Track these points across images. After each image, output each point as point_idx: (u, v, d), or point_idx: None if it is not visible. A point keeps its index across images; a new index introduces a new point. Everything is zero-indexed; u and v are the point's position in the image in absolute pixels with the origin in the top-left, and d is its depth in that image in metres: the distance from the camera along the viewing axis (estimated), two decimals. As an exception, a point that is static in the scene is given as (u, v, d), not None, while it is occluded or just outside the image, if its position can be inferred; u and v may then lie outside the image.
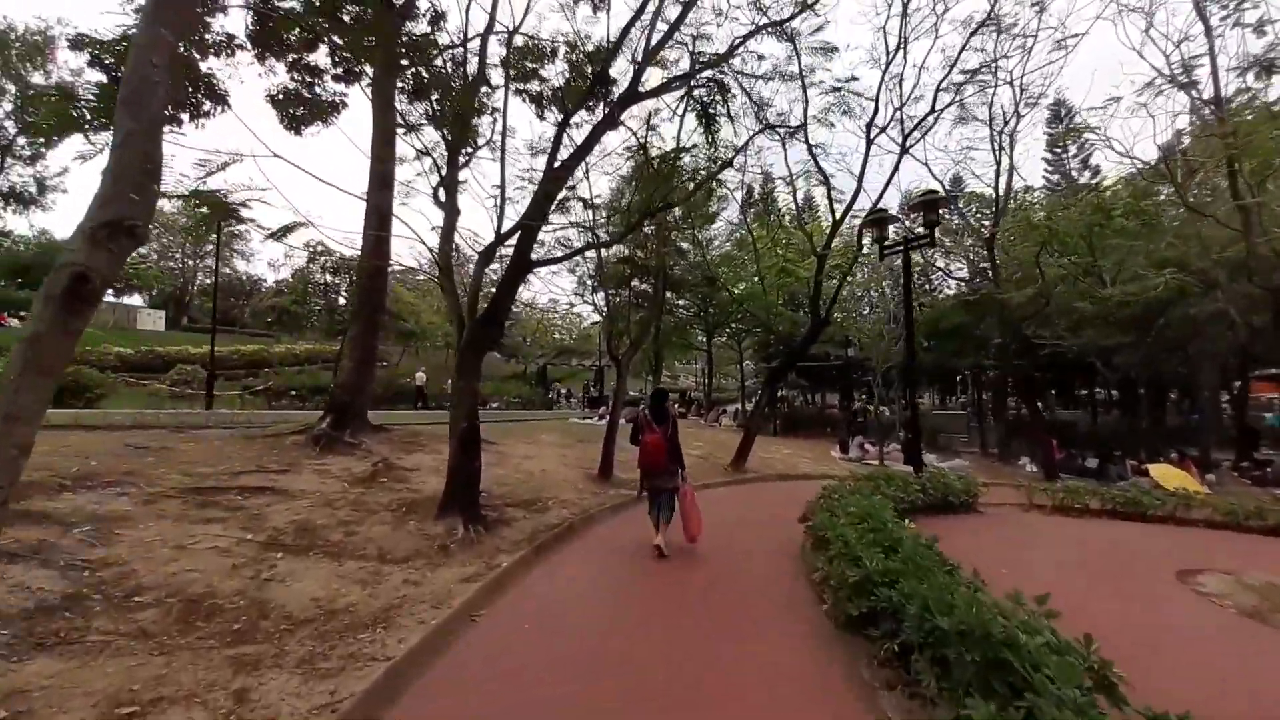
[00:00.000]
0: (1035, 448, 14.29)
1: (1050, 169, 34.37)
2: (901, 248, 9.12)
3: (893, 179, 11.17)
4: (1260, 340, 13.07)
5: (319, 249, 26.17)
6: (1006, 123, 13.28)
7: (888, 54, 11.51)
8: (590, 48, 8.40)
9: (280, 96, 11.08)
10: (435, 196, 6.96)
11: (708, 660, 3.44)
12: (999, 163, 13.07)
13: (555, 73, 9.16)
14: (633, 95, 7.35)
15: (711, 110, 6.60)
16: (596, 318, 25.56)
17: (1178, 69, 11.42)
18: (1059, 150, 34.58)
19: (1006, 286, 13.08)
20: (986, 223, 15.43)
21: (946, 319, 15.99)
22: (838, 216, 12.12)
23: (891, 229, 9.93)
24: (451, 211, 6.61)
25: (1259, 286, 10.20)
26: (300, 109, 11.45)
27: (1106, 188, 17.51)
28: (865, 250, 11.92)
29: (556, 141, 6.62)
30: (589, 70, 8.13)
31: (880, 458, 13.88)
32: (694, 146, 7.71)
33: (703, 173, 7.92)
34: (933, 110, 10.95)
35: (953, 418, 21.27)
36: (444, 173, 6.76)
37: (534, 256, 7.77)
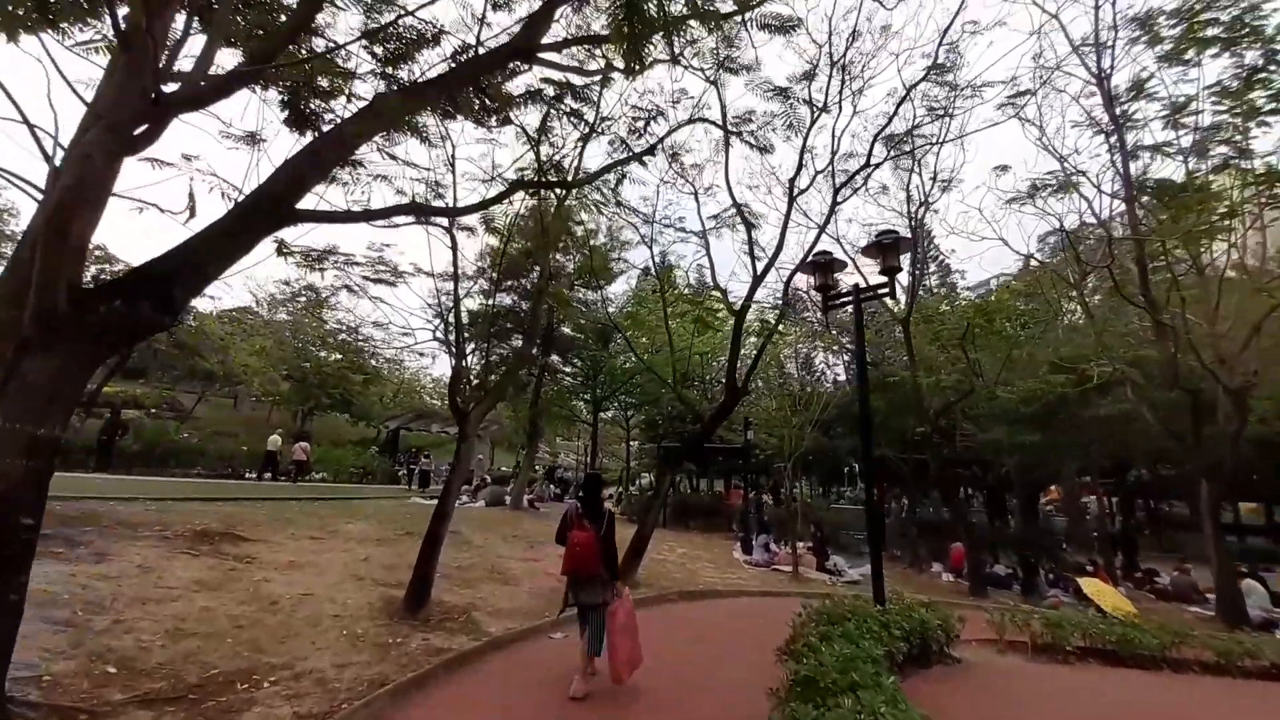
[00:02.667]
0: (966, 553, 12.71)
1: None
2: (850, 300, 7.14)
3: (812, 249, 9.55)
4: (1148, 442, 12.93)
5: (94, 250, 19.87)
6: (920, 205, 12.74)
7: (813, 111, 10.42)
8: None
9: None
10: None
11: None
12: (915, 241, 12.34)
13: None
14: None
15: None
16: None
17: (1075, 170, 11.50)
18: (920, 267, 38.37)
19: (928, 368, 11.97)
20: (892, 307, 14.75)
21: (853, 404, 14.77)
22: (758, 271, 10.32)
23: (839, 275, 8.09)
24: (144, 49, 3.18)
25: (1182, 388, 9.65)
26: None
27: (990, 293, 18.10)
28: (801, 303, 10.19)
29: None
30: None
31: (794, 563, 11.40)
32: (603, 67, 5.19)
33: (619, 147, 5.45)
34: (867, 164, 9.78)
35: (850, 514, 19.90)
36: None
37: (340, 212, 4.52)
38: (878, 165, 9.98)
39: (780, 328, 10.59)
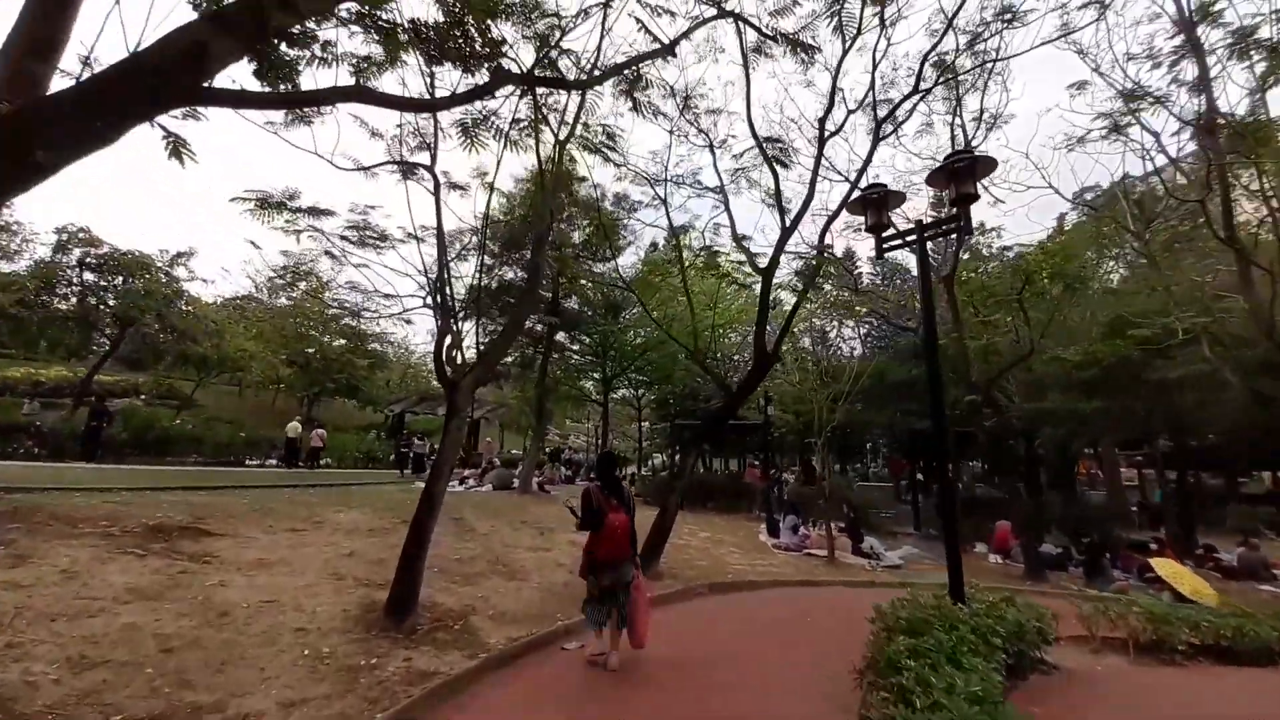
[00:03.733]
0: (1017, 533, 11.66)
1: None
2: (914, 238, 6.03)
3: (850, 194, 8.42)
4: (1211, 408, 11.70)
5: (79, 232, 18.97)
6: (964, 149, 11.39)
7: (843, 43, 9.12)
8: None
9: None
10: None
11: None
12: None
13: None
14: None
15: None
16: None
17: (1150, 96, 10.14)
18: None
19: (977, 330, 10.81)
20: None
21: (892, 372, 13.57)
22: (787, 223, 9.14)
23: (896, 214, 6.91)
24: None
25: (1276, 344, 8.41)
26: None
27: (1025, 253, 16.77)
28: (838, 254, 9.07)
29: None
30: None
31: (829, 547, 10.40)
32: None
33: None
34: (915, 90, 8.49)
35: (874, 491, 18.84)
36: None
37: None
38: (927, 92, 8.67)
39: (818, 279, 9.39)
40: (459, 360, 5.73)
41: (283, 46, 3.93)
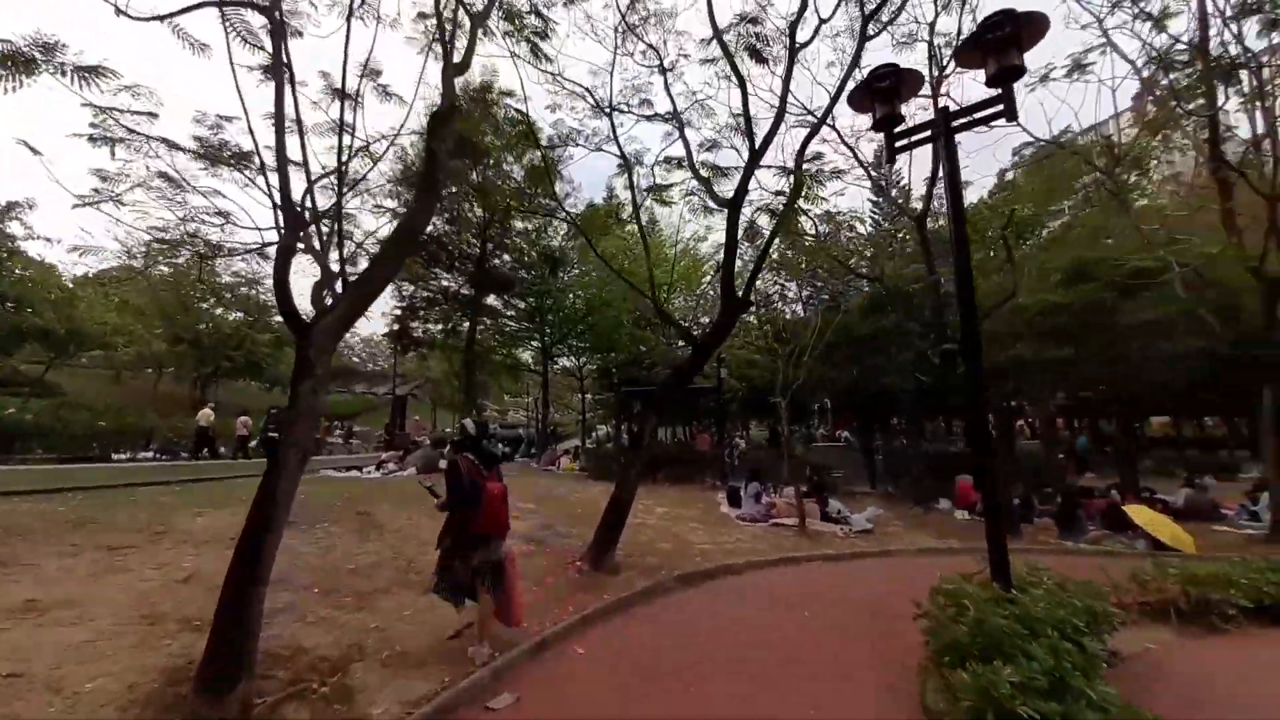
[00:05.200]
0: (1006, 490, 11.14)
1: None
2: (936, 132, 4.74)
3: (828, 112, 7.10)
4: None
5: None
6: (940, 72, 10.39)
7: None
8: None
9: None
10: None
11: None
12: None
13: None
14: None
15: None
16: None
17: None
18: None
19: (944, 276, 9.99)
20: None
21: (854, 327, 12.68)
22: (756, 145, 7.74)
23: (912, 105, 5.57)
24: None
25: (1259, 279, 7.94)
26: None
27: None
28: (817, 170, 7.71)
29: None
30: None
31: (800, 515, 9.41)
32: None
33: None
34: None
35: (828, 452, 18.37)
36: None
37: None
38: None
39: (801, 202, 8.03)
40: (324, 288, 3.96)
41: None
